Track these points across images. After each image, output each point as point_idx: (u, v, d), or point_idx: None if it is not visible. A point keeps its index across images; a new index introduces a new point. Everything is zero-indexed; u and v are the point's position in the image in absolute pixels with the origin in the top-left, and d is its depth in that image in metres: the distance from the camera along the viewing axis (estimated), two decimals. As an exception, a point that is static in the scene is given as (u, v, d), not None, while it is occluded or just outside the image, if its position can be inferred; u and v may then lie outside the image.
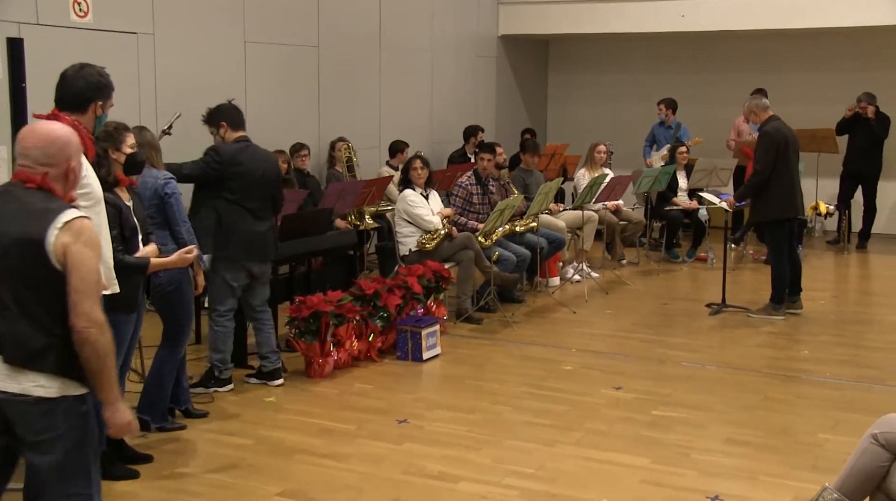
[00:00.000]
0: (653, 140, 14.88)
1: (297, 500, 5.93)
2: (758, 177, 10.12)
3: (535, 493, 6.00)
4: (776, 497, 5.79)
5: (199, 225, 7.37)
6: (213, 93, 11.02)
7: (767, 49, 15.85)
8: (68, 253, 3.91)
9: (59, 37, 9.40)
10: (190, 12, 10.92)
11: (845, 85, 15.00)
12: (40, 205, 3.99)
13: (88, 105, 5.39)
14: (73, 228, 3.95)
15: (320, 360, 8.29)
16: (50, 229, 3.90)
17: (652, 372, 8.51)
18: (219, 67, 11.34)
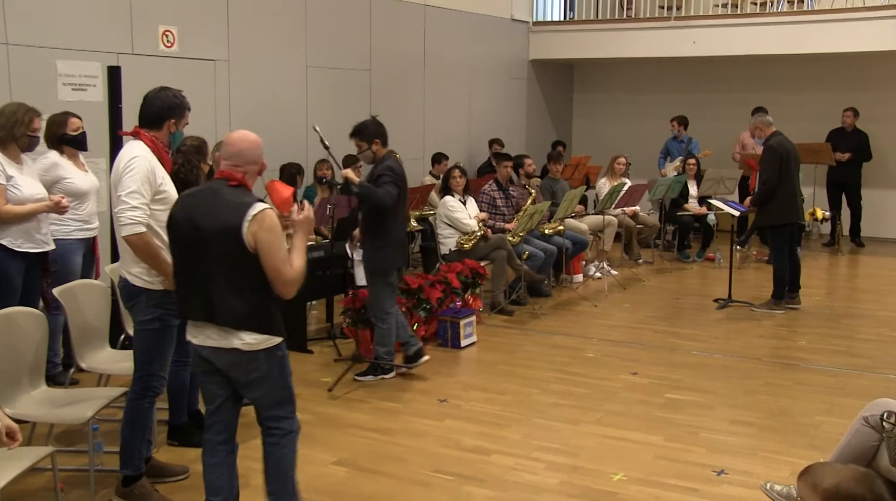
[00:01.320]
0: (666, 152, 14.86)
1: (350, 468, 5.98)
2: (766, 186, 10.09)
3: (559, 466, 6.01)
4: (775, 472, 5.74)
5: (378, 239, 7.50)
6: (280, 112, 11.17)
7: (768, 72, 15.76)
8: (257, 239, 4.49)
9: (150, 64, 9.52)
10: (260, 41, 10.99)
11: (837, 104, 14.93)
12: (237, 199, 4.57)
13: (163, 123, 5.42)
14: (258, 219, 4.51)
15: (370, 346, 8.31)
16: (244, 221, 4.47)
17: (665, 359, 8.49)
18: (284, 89, 11.43)
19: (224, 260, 4.54)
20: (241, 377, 4.71)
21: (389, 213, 7.53)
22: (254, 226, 4.48)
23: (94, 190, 7.28)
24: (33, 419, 5.46)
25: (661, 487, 5.67)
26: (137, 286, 5.28)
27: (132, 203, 5.09)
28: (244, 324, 4.57)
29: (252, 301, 4.57)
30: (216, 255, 4.55)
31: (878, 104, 14.70)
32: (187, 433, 6.33)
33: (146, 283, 5.27)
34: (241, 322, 4.57)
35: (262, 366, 4.67)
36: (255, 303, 4.58)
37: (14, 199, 6.56)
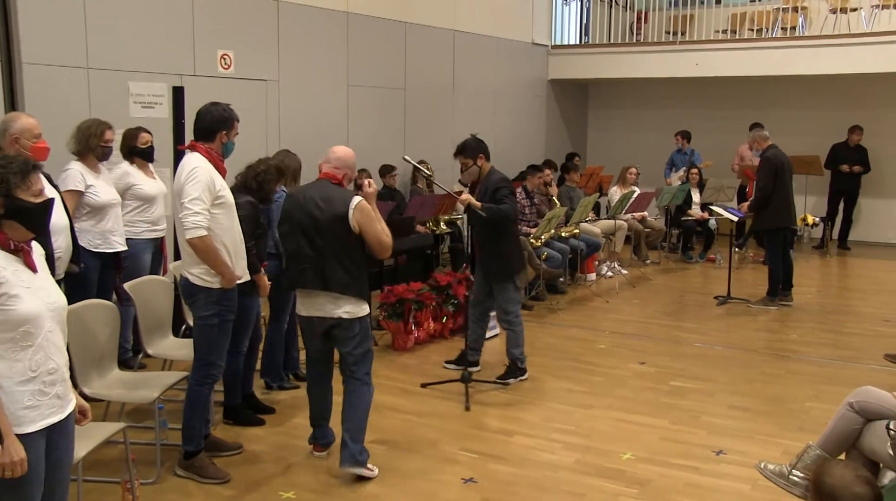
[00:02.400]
0: (672, 163, 14.82)
1: (387, 446, 6.01)
2: (762, 194, 10.10)
3: (574, 446, 6.03)
4: (769, 453, 5.74)
5: (502, 247, 7.32)
6: (324, 126, 11.21)
7: (764, 91, 15.67)
8: (360, 223, 5.36)
9: (210, 84, 9.56)
10: (306, 62, 11.04)
11: (828, 121, 14.98)
12: (342, 194, 5.43)
13: (216, 135, 5.43)
14: (359, 207, 5.38)
15: (404, 337, 8.36)
16: (350, 210, 5.34)
17: (670, 350, 8.48)
18: (328, 105, 11.46)
19: (335, 240, 5.39)
20: (341, 335, 5.51)
21: (509, 222, 7.38)
22: (357, 213, 5.35)
23: (161, 195, 7.39)
24: (107, 398, 5.55)
25: (666, 466, 5.68)
26: (197, 285, 5.33)
27: (194, 209, 5.14)
28: (348, 291, 5.41)
29: (354, 272, 5.42)
30: (329, 236, 5.39)
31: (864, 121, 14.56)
32: (241, 413, 6.41)
33: (206, 282, 5.32)
34: (346, 288, 5.40)
35: (356, 330, 5.50)
36: (355, 275, 5.44)
37: (92, 204, 6.71)
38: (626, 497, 5.24)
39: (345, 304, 5.42)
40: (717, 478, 5.51)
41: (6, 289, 3.34)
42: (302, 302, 5.59)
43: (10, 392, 3.40)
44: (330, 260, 5.39)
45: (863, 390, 4.68)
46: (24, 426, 3.42)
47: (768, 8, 15.45)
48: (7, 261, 3.40)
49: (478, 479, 5.49)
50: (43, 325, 3.46)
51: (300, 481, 5.47)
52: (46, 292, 3.53)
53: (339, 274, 5.40)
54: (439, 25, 13.36)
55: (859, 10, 14.43)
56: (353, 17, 11.70)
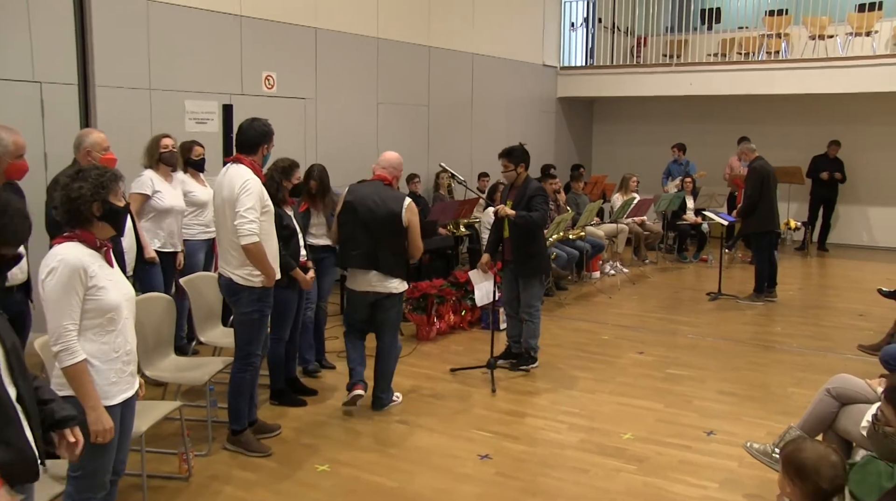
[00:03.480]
0: (668, 173, 14.78)
1: (410, 426, 6.06)
2: (749, 201, 10.14)
3: (579, 427, 6.05)
4: (754, 433, 5.75)
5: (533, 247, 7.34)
6: (356, 138, 11.28)
7: (751, 108, 15.63)
8: (409, 220, 6.11)
9: (255, 102, 9.64)
10: (340, 82, 11.08)
11: (809, 135, 14.97)
12: (394, 194, 6.18)
13: (258, 148, 5.44)
14: (410, 208, 6.12)
15: (427, 328, 8.40)
16: (403, 209, 6.07)
17: (666, 341, 8.48)
18: (359, 120, 11.51)
19: (387, 231, 6.07)
20: (386, 305, 6.23)
21: (539, 228, 7.41)
22: (408, 212, 6.10)
23: (211, 201, 7.46)
24: (166, 379, 5.62)
25: (662, 445, 5.70)
26: (241, 284, 5.34)
27: (249, 217, 5.16)
28: (393, 272, 6.14)
29: (399, 258, 6.18)
30: (382, 228, 6.07)
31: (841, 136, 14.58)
32: (284, 395, 6.47)
33: (249, 282, 5.33)
34: (392, 270, 6.14)
35: (396, 302, 6.28)
36: (399, 259, 6.19)
37: (157, 208, 6.84)
38: (626, 472, 5.26)
39: (391, 282, 6.17)
40: (708, 456, 5.52)
41: (96, 282, 3.47)
42: (353, 279, 6.29)
43: (100, 370, 3.54)
44: (381, 246, 6.10)
45: (839, 377, 4.69)
46: (110, 399, 3.58)
47: (755, 34, 15.46)
48: (93, 258, 3.51)
49: (492, 455, 5.51)
50: (122, 313, 3.59)
51: (334, 456, 5.51)
52: (122, 284, 3.66)
53: (388, 257, 6.12)
54: (459, 49, 13.38)
55: (835, 37, 14.52)
56: (382, 42, 11.74)
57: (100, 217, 3.53)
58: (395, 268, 6.16)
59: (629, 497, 4.93)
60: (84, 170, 3.58)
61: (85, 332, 3.50)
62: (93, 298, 3.48)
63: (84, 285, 3.45)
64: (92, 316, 3.50)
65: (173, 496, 4.91)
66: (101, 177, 3.54)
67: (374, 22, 11.62)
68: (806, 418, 4.73)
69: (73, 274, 3.42)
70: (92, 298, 3.48)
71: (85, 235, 3.52)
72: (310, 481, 5.13)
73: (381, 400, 6.40)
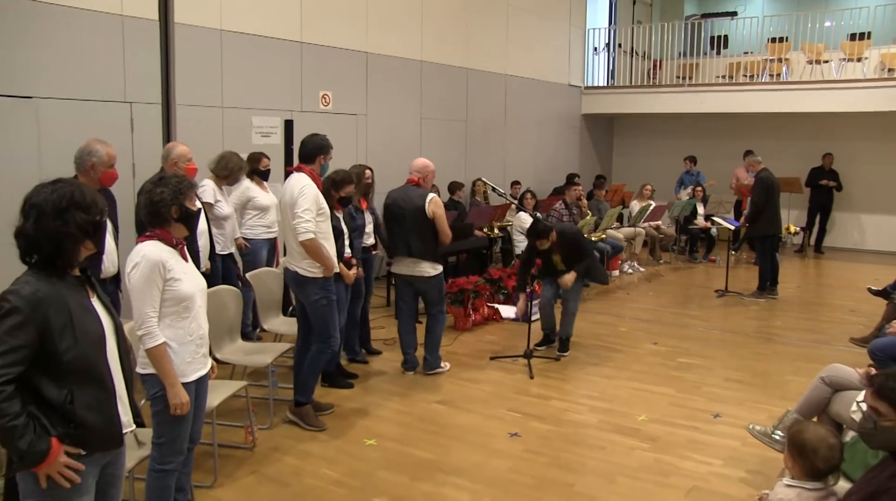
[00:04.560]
0: (681, 182, 14.66)
1: (447, 406, 6.08)
2: (756, 207, 10.07)
3: (598, 409, 6.05)
4: (756, 416, 5.72)
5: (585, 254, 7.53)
6: (402, 150, 11.33)
7: (755, 125, 15.50)
8: (434, 211, 6.44)
9: (313, 118, 9.70)
10: (388, 100, 11.13)
11: (806, 150, 14.82)
12: (419, 192, 6.52)
13: (316, 158, 5.57)
14: (433, 201, 6.47)
15: (464, 319, 8.42)
16: (426, 202, 6.42)
17: (678, 333, 8.43)
18: (405, 134, 11.56)
19: (415, 223, 6.47)
20: (423, 286, 6.66)
21: (592, 257, 7.69)
22: (431, 205, 6.45)
23: (273, 205, 7.53)
24: (233, 362, 5.68)
25: (673, 426, 5.69)
26: (306, 276, 5.44)
27: (306, 218, 5.28)
28: (424, 257, 6.53)
29: (429, 245, 6.52)
30: (411, 221, 6.49)
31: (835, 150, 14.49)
32: (335, 378, 6.51)
33: (311, 273, 5.43)
34: (423, 255, 6.52)
35: (433, 282, 6.64)
36: (429, 246, 6.53)
37: (217, 215, 6.96)
38: (640, 450, 5.26)
39: (422, 265, 6.56)
40: (714, 436, 5.49)
41: (173, 275, 3.55)
42: (396, 265, 6.74)
43: (177, 351, 3.63)
44: (412, 236, 6.50)
45: (832, 367, 4.65)
46: (186, 377, 3.67)
47: (758, 59, 15.40)
48: (170, 254, 3.59)
49: (521, 433, 5.52)
50: (195, 301, 3.67)
51: (381, 431, 5.56)
52: (195, 277, 3.74)
53: (418, 245, 6.51)
54: (494, 71, 13.38)
55: (830, 62, 14.46)
56: (425, 65, 11.78)
57: (177, 219, 3.61)
58: (426, 254, 6.54)
59: (643, 471, 4.92)
60: (165, 178, 3.67)
61: (164, 319, 3.58)
62: (170, 289, 3.56)
63: (163, 278, 3.52)
64: (169, 304, 3.58)
65: (240, 463, 4.98)
66: (179, 184, 3.63)
67: (419, 47, 11.66)
68: (802, 403, 4.69)
69: (153, 269, 3.50)
70: (169, 289, 3.55)
71: (163, 234, 3.60)
72: (358, 453, 5.18)
73: (429, 362, 6.84)
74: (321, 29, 9.94)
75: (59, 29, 7.24)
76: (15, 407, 2.60)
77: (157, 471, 3.76)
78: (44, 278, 2.68)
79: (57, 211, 2.69)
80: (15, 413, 2.59)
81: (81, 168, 5.13)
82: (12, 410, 2.59)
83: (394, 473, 4.86)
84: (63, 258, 2.72)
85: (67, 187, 2.75)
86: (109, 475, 2.95)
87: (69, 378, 2.67)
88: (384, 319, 8.70)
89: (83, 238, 2.75)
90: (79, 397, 2.69)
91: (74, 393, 2.68)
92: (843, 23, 15.01)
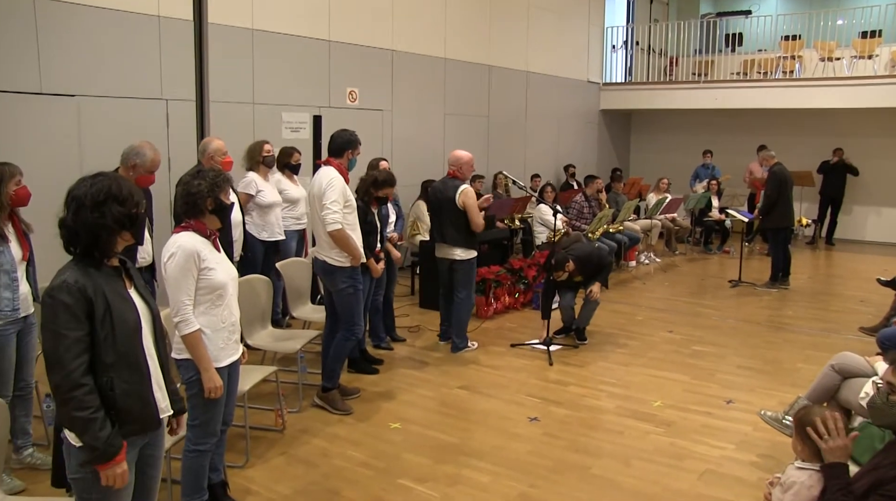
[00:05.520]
0: (696, 176, 14.58)
1: (469, 392, 6.07)
2: (769, 200, 9.98)
3: (615, 395, 6.03)
4: (768, 402, 5.67)
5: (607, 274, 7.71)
6: (425, 145, 11.33)
7: (768, 120, 15.33)
8: (464, 201, 6.68)
9: (340, 113, 9.73)
10: (413, 96, 11.13)
11: (818, 145, 14.66)
12: (453, 184, 6.77)
13: (344, 153, 5.58)
14: (464, 192, 6.71)
15: (486, 308, 8.40)
16: (457, 194, 6.69)
17: (692, 322, 8.38)
18: (429, 129, 11.55)
19: (449, 213, 6.77)
20: (457, 267, 6.92)
21: (610, 265, 7.95)
22: (461, 196, 6.69)
23: (303, 198, 7.55)
24: (264, 347, 5.71)
25: (687, 411, 5.66)
26: (334, 265, 5.45)
27: (333, 209, 5.29)
28: (456, 243, 6.83)
29: (462, 232, 6.78)
30: (446, 211, 6.80)
31: (845, 145, 14.35)
32: (361, 364, 6.53)
33: (339, 263, 5.44)
34: (455, 241, 6.83)
35: (462, 265, 6.90)
36: (462, 233, 6.78)
37: (260, 203, 6.99)
38: (655, 434, 5.24)
39: (454, 250, 6.87)
40: (727, 421, 5.46)
41: (206, 264, 3.57)
42: (437, 250, 7.10)
43: (211, 338, 3.64)
44: (446, 223, 6.84)
45: (842, 355, 4.61)
46: (219, 362, 3.69)
47: (772, 56, 15.26)
48: (204, 245, 3.60)
49: (540, 418, 5.52)
50: (228, 290, 3.68)
51: (405, 415, 5.57)
52: (228, 266, 3.75)
53: (451, 232, 6.82)
54: (515, 68, 13.33)
55: (842, 59, 14.30)
56: (449, 62, 11.76)
57: (211, 211, 3.63)
58: (457, 240, 6.84)
59: (657, 455, 4.90)
60: (202, 171, 3.69)
61: (198, 306, 3.59)
62: (204, 278, 3.57)
63: (197, 267, 3.54)
64: (203, 292, 3.59)
65: (271, 445, 5.02)
66: (216, 177, 3.65)
67: (442, 45, 11.64)
68: (812, 389, 4.65)
69: (188, 258, 3.52)
70: (204, 278, 3.57)
71: (198, 225, 3.62)
72: (384, 436, 5.19)
73: (455, 344, 7.12)
74: (349, 28, 9.94)
75: (99, 30, 7.30)
76: (96, 401, 2.64)
77: (191, 452, 3.80)
78: (82, 268, 2.71)
79: (95, 203, 2.72)
80: (97, 406, 2.64)
81: (125, 163, 5.18)
82: (94, 403, 2.63)
83: (417, 455, 4.88)
84: (100, 249, 2.74)
85: (106, 181, 2.77)
86: (148, 455, 2.98)
87: (109, 365, 2.69)
88: (408, 307, 8.71)
89: (119, 229, 2.77)
90: (118, 384, 2.71)
91: (114, 381, 2.71)
92: (855, 21, 14.85)
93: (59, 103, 7.05)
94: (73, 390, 2.59)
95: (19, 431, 4.46)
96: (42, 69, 6.92)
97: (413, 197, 9.99)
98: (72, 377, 2.59)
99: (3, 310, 4.11)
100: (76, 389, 2.59)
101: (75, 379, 2.59)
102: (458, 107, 12.09)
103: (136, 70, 7.60)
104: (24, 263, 4.26)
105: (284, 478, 4.54)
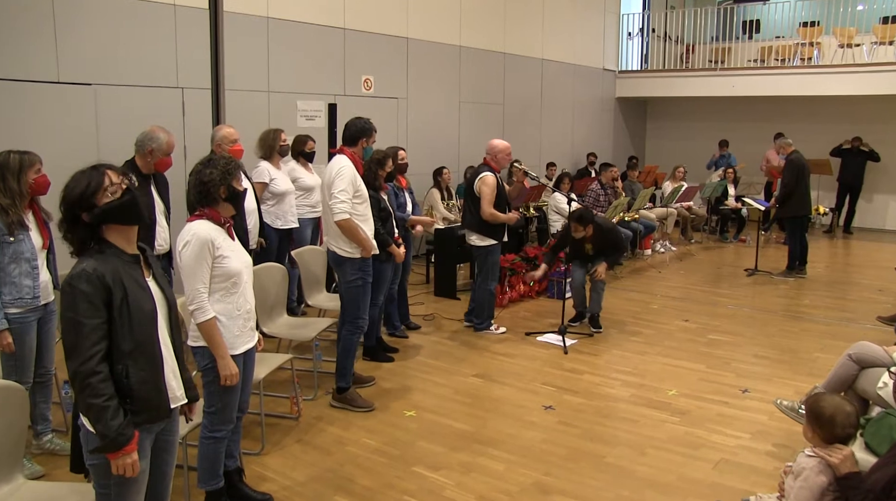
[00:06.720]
0: (713, 164, 14.51)
1: (484, 380, 6.07)
2: (787, 189, 9.89)
3: (630, 383, 6.01)
4: (784, 391, 5.64)
5: None
6: (440, 133, 11.30)
7: (786, 108, 15.20)
8: (478, 189, 6.89)
9: (356, 102, 9.72)
10: (428, 84, 11.10)
11: (835, 132, 14.49)
12: (478, 171, 6.95)
13: (358, 141, 5.49)
14: (482, 180, 6.88)
15: (501, 296, 8.39)
16: (476, 179, 6.91)
17: (708, 311, 8.33)
18: (444, 117, 11.52)
19: (471, 199, 6.99)
20: (475, 253, 7.20)
21: (624, 246, 8.29)
22: (478, 183, 6.92)
23: (317, 186, 7.50)
24: (279, 335, 5.70)
25: (703, 400, 5.63)
26: (342, 256, 5.37)
27: (341, 198, 5.21)
28: (472, 229, 7.04)
29: (476, 217, 6.94)
30: (470, 197, 7.01)
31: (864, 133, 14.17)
32: (375, 352, 6.53)
33: (349, 254, 5.35)
34: (472, 227, 7.04)
35: (479, 251, 7.11)
36: (477, 219, 6.94)
37: (274, 192, 6.96)
38: (671, 423, 5.21)
39: (472, 236, 7.09)
40: (743, 411, 5.43)
41: (221, 252, 3.56)
42: (466, 235, 7.26)
43: (226, 325, 3.64)
44: (468, 209, 7.06)
45: (859, 344, 4.57)
46: (234, 349, 3.69)
47: (790, 43, 15.06)
48: (219, 233, 3.60)
49: (555, 406, 5.50)
50: (243, 278, 3.68)
51: (420, 403, 5.58)
52: (242, 254, 3.74)
53: (469, 218, 7.08)
54: (530, 55, 13.26)
55: (861, 45, 14.10)
56: (464, 50, 11.71)
57: (225, 198, 3.62)
58: (472, 225, 7.04)
59: (673, 444, 4.88)
60: (214, 159, 3.68)
61: (213, 294, 3.59)
62: (219, 266, 3.56)
63: (212, 255, 3.54)
64: (218, 280, 3.58)
65: (286, 432, 5.03)
66: (227, 165, 3.63)
67: (457, 32, 11.59)
68: (829, 379, 4.61)
69: (203, 246, 3.52)
70: (218, 266, 3.56)
71: (212, 213, 3.61)
72: (399, 423, 5.20)
73: (474, 324, 7.41)
74: (363, 15, 9.91)
75: (116, 19, 7.31)
76: (110, 389, 2.65)
77: (208, 438, 3.82)
78: (100, 257, 2.72)
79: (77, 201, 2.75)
80: (110, 394, 2.65)
81: (140, 150, 5.19)
82: (108, 391, 2.64)
83: (432, 443, 4.88)
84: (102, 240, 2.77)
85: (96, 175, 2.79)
86: (163, 441, 3.00)
87: (125, 353, 2.70)
88: (423, 295, 8.71)
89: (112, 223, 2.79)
90: (133, 372, 2.72)
91: (129, 368, 2.72)
92: (875, 6, 14.66)
93: (76, 92, 7.07)
94: (88, 377, 2.60)
95: (39, 417, 4.51)
96: (59, 58, 6.94)
97: (427, 185, 9.98)
98: (88, 364, 2.60)
99: (23, 298, 4.14)
100: (91, 376, 2.60)
101: (91, 366, 2.60)
102: (474, 95, 12.05)
103: (153, 58, 7.61)
104: (44, 251, 4.29)
105: (300, 465, 4.56)
